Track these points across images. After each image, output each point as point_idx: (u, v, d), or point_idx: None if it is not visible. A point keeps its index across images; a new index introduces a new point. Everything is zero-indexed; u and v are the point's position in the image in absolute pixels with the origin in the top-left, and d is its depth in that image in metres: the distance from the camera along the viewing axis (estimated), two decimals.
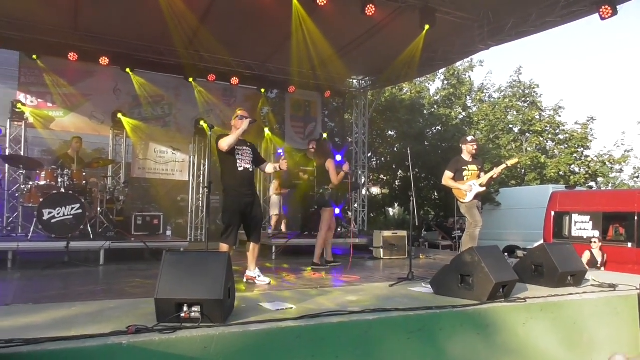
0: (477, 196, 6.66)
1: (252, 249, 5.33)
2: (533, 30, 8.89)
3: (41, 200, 7.02)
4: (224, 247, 5.05)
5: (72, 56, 9.76)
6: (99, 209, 8.28)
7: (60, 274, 5.91)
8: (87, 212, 7.26)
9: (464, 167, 6.72)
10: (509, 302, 4.22)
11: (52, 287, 4.98)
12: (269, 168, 5.47)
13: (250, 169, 5.24)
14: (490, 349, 3.88)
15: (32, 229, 7.13)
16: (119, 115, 10.61)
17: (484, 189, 6.69)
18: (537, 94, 21.23)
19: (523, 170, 19.95)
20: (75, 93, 10.43)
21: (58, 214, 6.96)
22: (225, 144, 5.03)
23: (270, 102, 13.11)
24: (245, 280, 5.26)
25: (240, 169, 5.14)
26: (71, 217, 7.02)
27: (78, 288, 4.96)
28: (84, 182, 7.69)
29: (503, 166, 6.82)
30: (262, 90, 12.36)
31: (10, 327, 2.91)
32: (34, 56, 9.82)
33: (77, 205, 7.07)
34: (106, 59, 10.08)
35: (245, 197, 5.16)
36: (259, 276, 5.29)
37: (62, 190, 7.15)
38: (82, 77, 10.53)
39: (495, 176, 6.73)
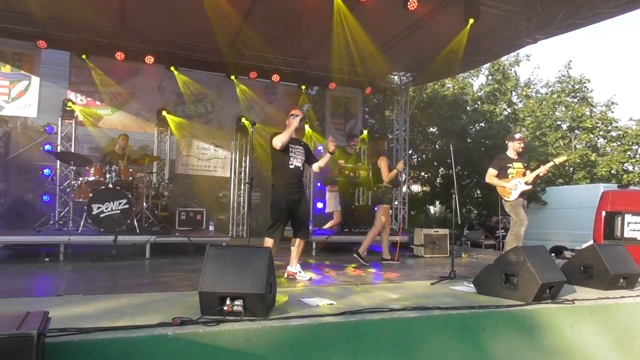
0: (523, 194, 6.49)
1: (298, 245, 5.39)
2: (585, 21, 8.50)
3: (90, 195, 7.28)
4: (268, 241, 5.11)
5: (119, 55, 10.06)
6: (144, 204, 8.51)
7: (108, 267, 6.11)
8: (133, 207, 7.47)
9: (508, 165, 6.56)
10: (555, 303, 4.09)
11: (101, 279, 5.15)
12: (322, 161, 5.46)
13: (301, 167, 5.34)
14: (535, 350, 3.77)
15: (82, 223, 7.41)
16: (164, 113, 10.86)
17: (530, 187, 6.51)
18: (587, 89, 20.48)
19: (571, 169, 19.29)
20: (122, 91, 10.72)
21: (106, 208, 7.20)
22: (278, 141, 5.14)
23: (310, 99, 13.15)
24: (286, 275, 5.30)
25: (291, 166, 5.24)
26: (119, 212, 7.24)
27: (125, 280, 5.11)
28: (131, 178, 7.92)
29: (550, 164, 6.61)
30: (303, 87, 12.39)
31: (64, 316, 3.02)
32: (84, 56, 10.13)
33: (124, 201, 7.29)
34: (151, 57, 10.36)
35: (293, 194, 5.25)
36: (299, 272, 5.32)
37: (110, 186, 7.39)
38: (128, 76, 10.82)
39: (541, 174, 6.53)
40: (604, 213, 10.43)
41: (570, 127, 20.08)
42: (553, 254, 10.52)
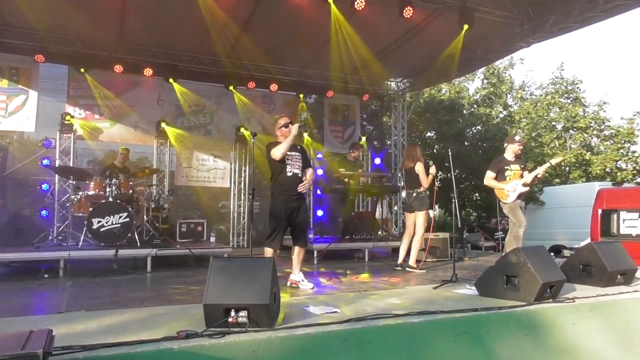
0: (521, 196, 6.54)
1: (297, 253, 5.34)
2: (575, 25, 8.61)
3: (90, 209, 7.28)
4: (268, 251, 5.11)
5: (118, 68, 10.12)
6: (145, 217, 8.52)
7: (110, 281, 6.10)
8: (134, 220, 7.47)
9: (506, 167, 6.61)
10: (557, 302, 4.13)
11: (103, 294, 5.15)
12: (308, 174, 5.37)
13: (299, 174, 5.27)
14: (539, 350, 3.80)
15: (82, 238, 7.37)
16: (163, 125, 10.88)
17: (528, 188, 6.57)
18: (580, 89, 20.68)
19: (567, 168, 19.39)
20: (121, 104, 10.74)
21: (107, 222, 7.20)
22: (278, 152, 5.10)
23: (309, 107, 13.20)
24: (288, 284, 5.29)
25: (289, 174, 5.19)
26: (119, 225, 7.25)
27: (128, 294, 5.10)
28: (131, 191, 7.93)
29: (547, 165, 6.67)
30: (301, 95, 12.44)
31: (67, 333, 3.00)
32: (82, 69, 10.18)
33: (125, 214, 7.29)
34: (150, 70, 10.42)
35: (292, 202, 5.20)
36: (302, 280, 5.28)
37: (111, 199, 7.39)
38: (127, 89, 10.85)
39: (539, 175, 6.59)
40: (600, 211, 10.50)
41: (565, 128, 20.22)
42: (552, 254, 10.56)
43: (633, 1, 7.60)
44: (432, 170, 7.04)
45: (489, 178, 6.68)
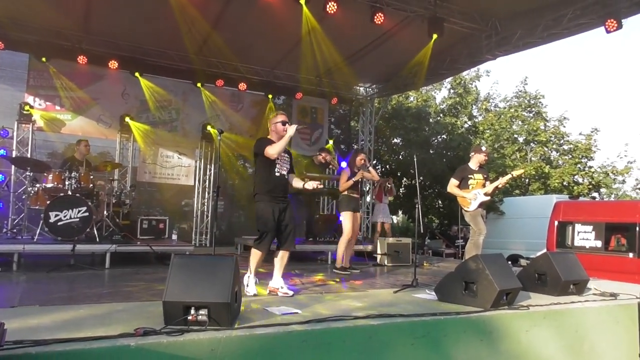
0: (482, 205, 6.69)
1: (281, 257, 4.98)
2: (540, 41, 8.93)
3: (48, 202, 7.04)
4: (256, 253, 4.86)
5: (82, 59, 9.83)
6: (105, 212, 8.32)
7: (66, 277, 5.91)
8: (93, 215, 7.28)
9: (470, 176, 6.74)
10: (512, 309, 4.24)
11: (59, 290, 4.99)
12: (296, 182, 5.17)
13: (286, 176, 5.06)
14: (493, 355, 3.90)
15: (38, 232, 7.14)
16: (127, 119, 10.68)
17: (489, 198, 6.72)
18: (542, 104, 21.35)
19: (527, 180, 19.97)
20: (84, 96, 10.48)
21: (65, 216, 6.98)
22: (274, 151, 4.83)
23: (277, 108, 13.17)
24: (268, 292, 4.84)
25: (277, 174, 4.95)
26: (78, 220, 7.03)
27: (84, 291, 4.97)
28: (91, 185, 7.71)
29: (508, 176, 6.85)
30: (270, 96, 12.42)
31: (19, 328, 2.91)
32: (44, 59, 9.88)
33: (84, 208, 7.08)
34: (115, 62, 10.17)
35: (279, 203, 4.93)
36: (281, 287, 4.82)
37: (70, 193, 7.18)
38: (91, 81, 10.59)
39: (500, 186, 6.77)
40: (556, 222, 10.88)
41: (527, 141, 20.83)
42: (510, 262, 10.85)
43: (595, 21, 7.91)
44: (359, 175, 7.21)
45: (453, 186, 6.81)
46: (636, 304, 4.87)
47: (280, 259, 4.98)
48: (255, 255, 4.86)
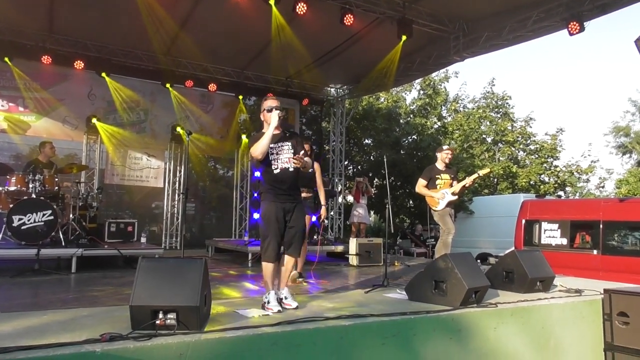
0: (450, 204, 6.78)
1: (286, 263, 4.31)
2: (506, 43, 9.15)
3: (11, 206, 6.84)
4: (268, 266, 4.13)
5: (46, 59, 9.60)
6: (71, 215, 8.11)
7: (30, 282, 5.77)
8: (58, 218, 7.10)
9: (437, 176, 6.83)
10: (480, 307, 4.31)
11: (22, 296, 4.89)
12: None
13: (291, 169, 4.26)
14: (462, 353, 3.96)
15: (0, 236, 6.91)
16: (94, 121, 10.47)
17: (457, 197, 6.82)
18: (509, 105, 21.79)
19: (496, 180, 20.35)
20: (49, 97, 10.24)
21: (28, 220, 6.79)
22: (258, 152, 4.15)
23: (248, 109, 13.11)
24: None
25: (275, 170, 4.24)
26: (42, 223, 6.86)
27: (49, 296, 4.86)
28: (57, 188, 7.53)
29: (475, 176, 6.96)
30: (240, 97, 12.34)
31: None
32: (6, 58, 9.60)
33: (49, 212, 6.91)
34: (81, 62, 9.96)
35: (284, 202, 4.23)
36: (285, 298, 4.13)
37: (34, 196, 6.99)
38: (55, 81, 10.35)
39: (467, 185, 6.87)
40: (523, 221, 11.13)
41: (495, 141, 21.23)
42: (479, 261, 11.04)
43: (559, 23, 8.15)
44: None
45: (421, 186, 6.89)
46: (600, 300, 5.00)
47: (285, 264, 4.33)
48: (265, 269, 4.15)
